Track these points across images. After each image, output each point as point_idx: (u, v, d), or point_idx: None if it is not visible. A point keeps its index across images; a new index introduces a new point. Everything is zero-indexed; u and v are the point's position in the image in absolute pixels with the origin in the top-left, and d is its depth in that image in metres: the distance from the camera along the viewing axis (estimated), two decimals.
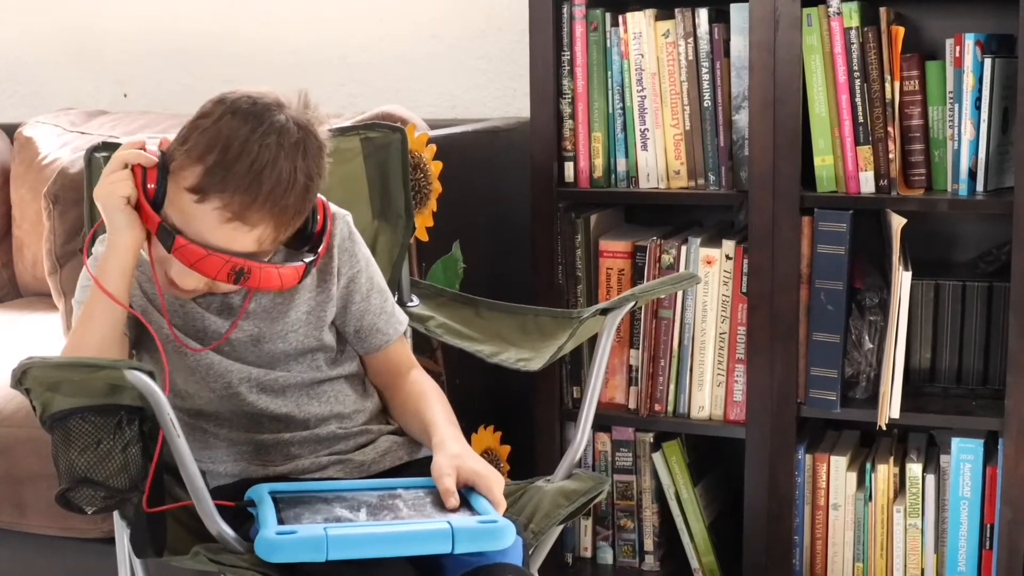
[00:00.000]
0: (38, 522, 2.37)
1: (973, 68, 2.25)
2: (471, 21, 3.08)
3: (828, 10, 2.29)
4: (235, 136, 1.65)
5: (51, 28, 3.50)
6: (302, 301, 1.83)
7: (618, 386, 2.55)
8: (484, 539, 1.57)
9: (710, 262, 2.44)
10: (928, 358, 2.41)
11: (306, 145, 1.69)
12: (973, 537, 2.35)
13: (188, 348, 1.77)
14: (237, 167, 1.64)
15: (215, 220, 1.66)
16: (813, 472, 2.44)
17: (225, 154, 1.65)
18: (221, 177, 1.64)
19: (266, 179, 1.65)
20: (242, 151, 1.65)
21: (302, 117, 1.71)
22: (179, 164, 1.67)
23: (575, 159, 2.50)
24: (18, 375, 1.50)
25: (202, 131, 1.68)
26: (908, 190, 2.34)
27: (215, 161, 1.65)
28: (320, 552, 1.51)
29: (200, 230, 1.67)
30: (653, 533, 2.60)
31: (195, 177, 1.65)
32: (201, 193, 1.65)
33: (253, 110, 1.68)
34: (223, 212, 1.65)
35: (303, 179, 1.69)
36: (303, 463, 1.78)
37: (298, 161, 1.68)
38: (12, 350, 2.50)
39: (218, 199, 1.65)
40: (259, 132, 1.66)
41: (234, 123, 1.67)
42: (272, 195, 1.65)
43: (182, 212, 1.68)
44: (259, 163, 1.65)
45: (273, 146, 1.66)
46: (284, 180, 1.66)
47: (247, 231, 1.67)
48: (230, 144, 1.65)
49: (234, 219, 1.66)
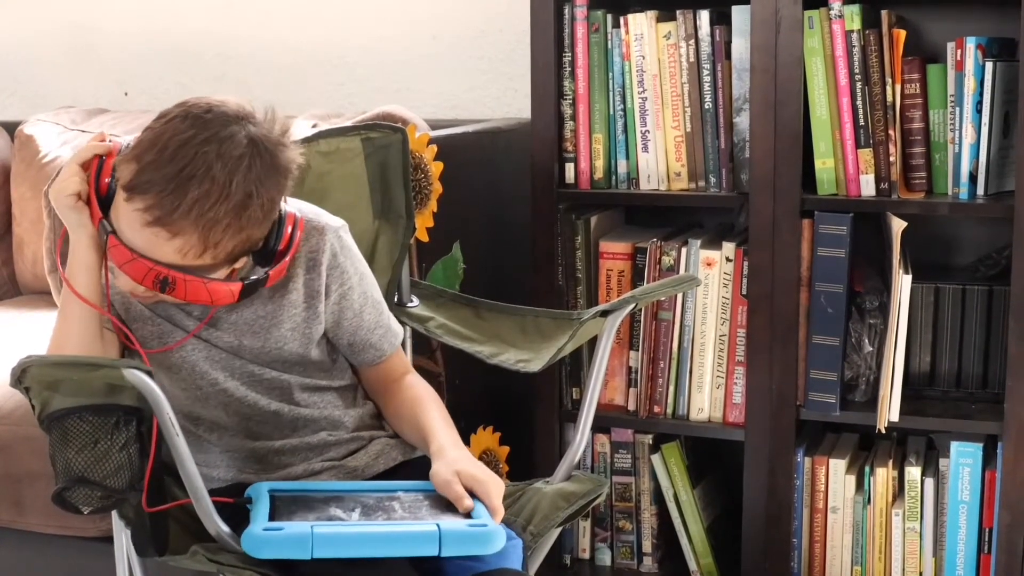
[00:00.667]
0: (37, 521, 2.37)
1: (974, 71, 2.25)
2: (472, 21, 3.08)
3: (829, 13, 2.28)
4: (175, 139, 1.59)
5: (52, 27, 3.50)
6: (287, 318, 1.80)
7: (617, 388, 2.55)
8: (472, 543, 1.56)
9: (710, 264, 2.44)
10: (928, 361, 2.41)
11: (252, 161, 1.61)
12: (971, 541, 2.35)
13: (150, 352, 1.74)
14: (167, 169, 1.58)
15: (138, 221, 1.60)
16: (812, 475, 2.44)
17: (160, 155, 1.59)
18: (149, 177, 1.58)
19: (193, 187, 1.57)
20: (176, 154, 1.58)
21: (260, 134, 1.63)
22: (121, 159, 1.64)
23: (576, 160, 2.49)
24: (17, 374, 1.50)
25: (151, 130, 1.63)
26: (908, 193, 2.34)
27: (149, 161, 1.59)
28: (305, 550, 1.51)
29: (125, 230, 1.63)
30: (652, 535, 2.60)
31: (128, 174, 1.61)
32: (129, 191, 1.60)
33: (205, 116, 1.61)
34: (144, 215, 1.59)
35: (240, 195, 1.59)
36: (295, 470, 1.78)
37: (237, 175, 1.59)
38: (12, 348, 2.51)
39: (141, 200, 1.59)
40: (200, 138, 1.59)
41: (181, 126, 1.60)
42: (198, 205, 1.57)
43: (116, 209, 1.64)
44: (191, 170, 1.57)
45: (211, 155, 1.58)
46: (215, 192, 1.57)
47: (167, 238, 1.59)
48: (168, 146, 1.59)
49: (155, 224, 1.59)
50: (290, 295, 1.79)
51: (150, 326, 1.77)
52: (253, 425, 1.80)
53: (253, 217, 1.62)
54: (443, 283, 2.38)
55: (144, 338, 1.76)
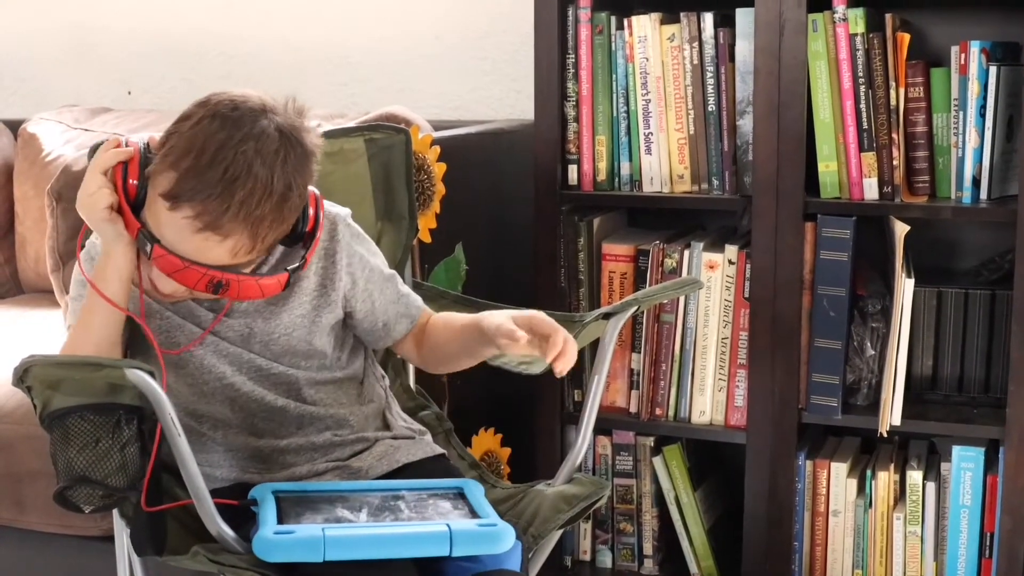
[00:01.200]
0: (38, 519, 2.37)
1: (978, 75, 2.24)
2: (475, 22, 3.08)
3: (833, 16, 2.28)
4: (211, 141, 1.60)
5: (55, 25, 3.50)
6: (297, 304, 1.80)
7: (619, 390, 2.55)
8: (482, 542, 1.57)
9: (713, 267, 2.44)
10: (930, 365, 2.40)
11: (287, 152, 1.63)
12: (973, 545, 2.35)
13: (167, 351, 1.74)
14: (210, 174, 1.58)
15: (187, 229, 1.61)
16: (813, 478, 2.44)
17: (199, 160, 1.59)
18: (193, 184, 1.59)
19: (239, 188, 1.59)
20: (215, 157, 1.59)
21: (287, 123, 1.65)
22: (155, 169, 1.63)
23: (579, 162, 2.49)
24: (20, 373, 1.50)
25: (180, 135, 1.63)
26: (912, 197, 2.34)
27: (188, 167, 1.59)
28: (317, 552, 1.51)
29: (173, 239, 1.63)
30: (652, 537, 2.60)
31: (168, 183, 1.61)
32: (173, 200, 1.60)
33: (233, 115, 1.62)
34: (194, 222, 1.60)
35: (281, 188, 1.62)
36: (300, 470, 1.78)
37: (276, 169, 1.61)
38: (14, 347, 2.51)
39: (189, 208, 1.60)
40: (236, 138, 1.60)
41: (212, 128, 1.61)
42: (245, 205, 1.59)
43: (156, 218, 1.64)
44: (233, 171, 1.59)
45: (250, 153, 1.60)
46: (259, 189, 1.60)
47: (219, 241, 1.62)
48: (205, 149, 1.59)
49: (205, 229, 1.60)
50: (302, 282, 1.80)
51: (157, 320, 1.77)
52: (259, 422, 1.79)
53: (293, 206, 1.66)
54: (445, 284, 2.38)
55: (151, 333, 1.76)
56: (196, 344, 1.76)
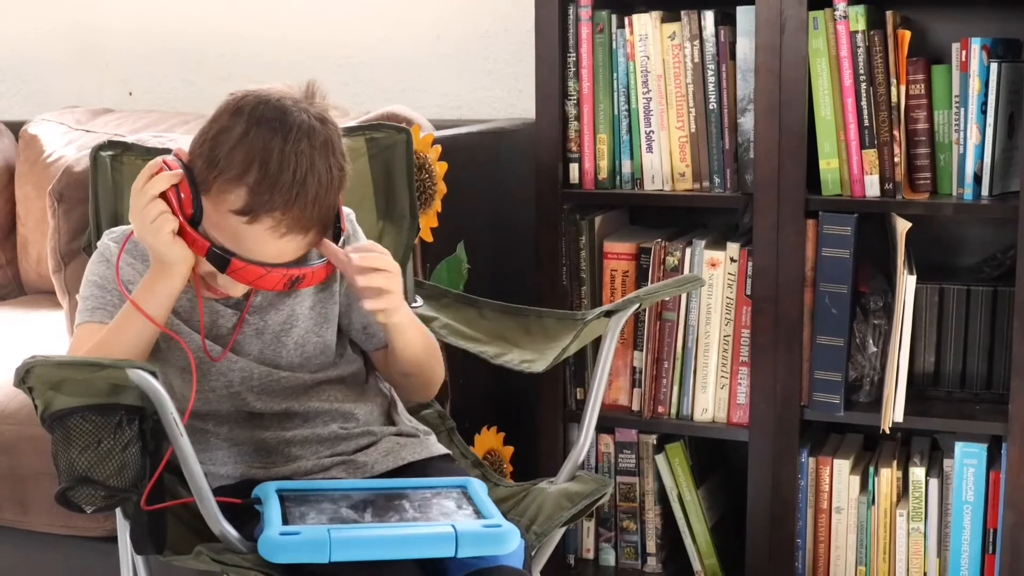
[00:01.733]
0: (41, 520, 2.37)
1: (979, 72, 2.24)
2: (476, 22, 3.08)
3: (834, 13, 2.28)
4: (269, 149, 1.63)
5: (56, 26, 3.50)
6: (305, 296, 1.83)
7: (622, 388, 2.55)
8: (488, 543, 1.57)
9: (714, 264, 2.44)
10: (932, 362, 2.40)
11: (330, 139, 1.68)
12: (976, 541, 2.35)
13: (211, 358, 1.77)
14: (281, 181, 1.62)
15: (269, 237, 1.65)
16: (816, 475, 2.44)
17: (266, 171, 1.62)
18: (268, 195, 1.62)
19: (310, 186, 1.64)
20: (281, 164, 1.63)
21: (318, 111, 1.69)
22: (217, 186, 1.65)
23: (580, 160, 2.49)
24: (21, 374, 1.50)
25: (232, 148, 1.64)
26: (913, 194, 2.34)
27: (257, 180, 1.62)
28: (323, 553, 1.51)
29: (253, 248, 1.66)
30: (655, 535, 2.60)
31: (241, 200, 1.63)
32: (251, 214, 1.63)
33: (277, 117, 1.65)
34: (277, 228, 1.64)
35: (338, 174, 1.69)
36: (306, 464, 1.78)
37: (331, 158, 1.67)
38: (15, 348, 2.51)
39: (270, 218, 1.63)
40: (291, 140, 1.64)
41: (264, 135, 1.64)
42: (318, 199, 1.65)
43: (233, 233, 1.66)
44: (300, 172, 1.63)
45: (307, 151, 1.64)
46: (325, 181, 1.66)
47: (301, 239, 1.68)
48: (267, 159, 1.63)
49: (289, 232, 1.65)
50: None
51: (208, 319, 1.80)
52: (266, 419, 1.80)
53: (345, 186, 1.73)
54: (447, 283, 2.38)
55: None
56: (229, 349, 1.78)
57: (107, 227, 1.92)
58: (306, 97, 1.71)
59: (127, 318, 1.70)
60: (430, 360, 1.88)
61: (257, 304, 1.81)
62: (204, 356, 1.78)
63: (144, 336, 1.70)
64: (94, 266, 1.80)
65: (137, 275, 1.77)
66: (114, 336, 1.70)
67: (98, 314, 1.75)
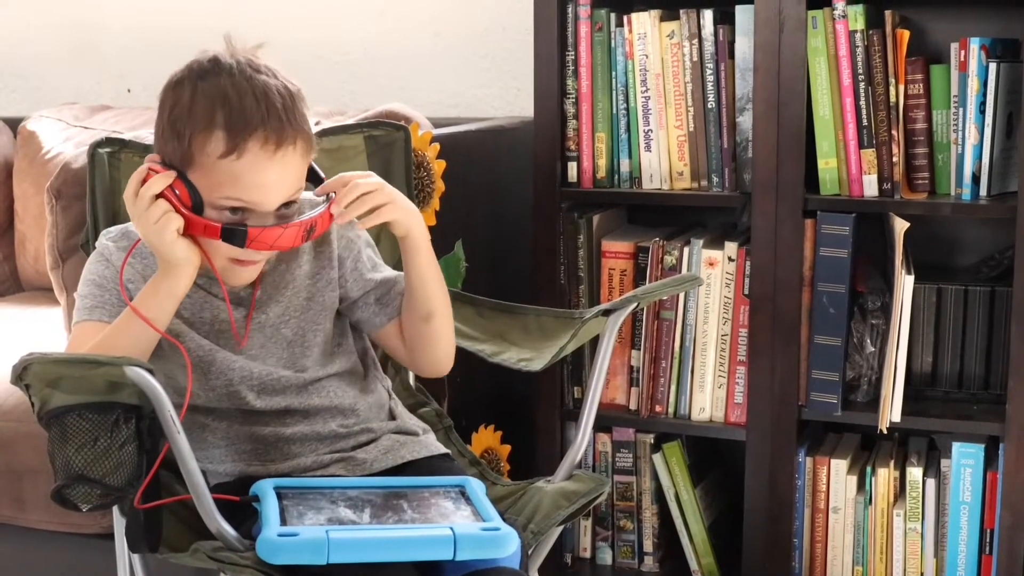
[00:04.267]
0: (38, 517, 2.37)
1: (978, 72, 2.24)
2: (475, 20, 3.08)
3: (833, 13, 2.28)
4: (221, 88, 1.67)
5: (54, 23, 3.50)
6: (302, 287, 1.83)
7: (619, 387, 2.55)
8: (486, 546, 1.57)
9: (712, 264, 2.44)
10: (930, 362, 2.40)
11: (268, 67, 1.73)
12: (973, 542, 2.35)
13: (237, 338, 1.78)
14: (246, 104, 1.66)
15: (265, 160, 1.66)
16: (813, 475, 2.44)
17: (229, 105, 1.66)
18: (242, 120, 1.65)
19: (275, 99, 1.67)
20: (239, 93, 1.67)
21: (244, 56, 1.73)
22: (198, 148, 1.67)
23: (578, 159, 2.49)
24: (19, 371, 1.49)
25: (189, 110, 1.68)
26: (911, 194, 2.34)
27: (225, 115, 1.65)
28: (321, 555, 1.51)
29: (256, 182, 1.67)
30: (653, 534, 2.60)
31: (221, 141, 1.65)
32: (237, 145, 1.65)
33: (213, 67, 1.70)
34: (266, 146, 1.66)
35: (294, 87, 1.72)
36: (305, 461, 1.78)
37: (278, 78, 1.71)
38: (13, 345, 2.51)
39: (254, 139, 1.65)
40: (236, 75, 1.68)
41: (210, 82, 1.69)
42: (287, 108, 1.68)
43: (233, 181, 1.66)
44: (259, 91, 1.67)
45: (254, 76, 1.69)
46: (286, 93, 1.70)
47: (293, 151, 1.69)
48: (225, 96, 1.67)
49: (278, 146, 1.67)
50: (303, 266, 1.83)
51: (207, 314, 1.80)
52: (265, 416, 1.80)
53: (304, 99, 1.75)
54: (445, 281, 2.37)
55: None
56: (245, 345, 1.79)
57: (105, 223, 1.92)
58: (227, 50, 1.75)
59: (128, 320, 1.69)
60: (446, 298, 1.88)
61: (258, 298, 1.81)
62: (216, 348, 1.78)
63: (144, 338, 1.69)
64: (92, 265, 1.80)
65: (137, 275, 1.77)
66: (115, 337, 1.69)
67: (96, 312, 1.75)
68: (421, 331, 1.87)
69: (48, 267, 2.73)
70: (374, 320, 1.89)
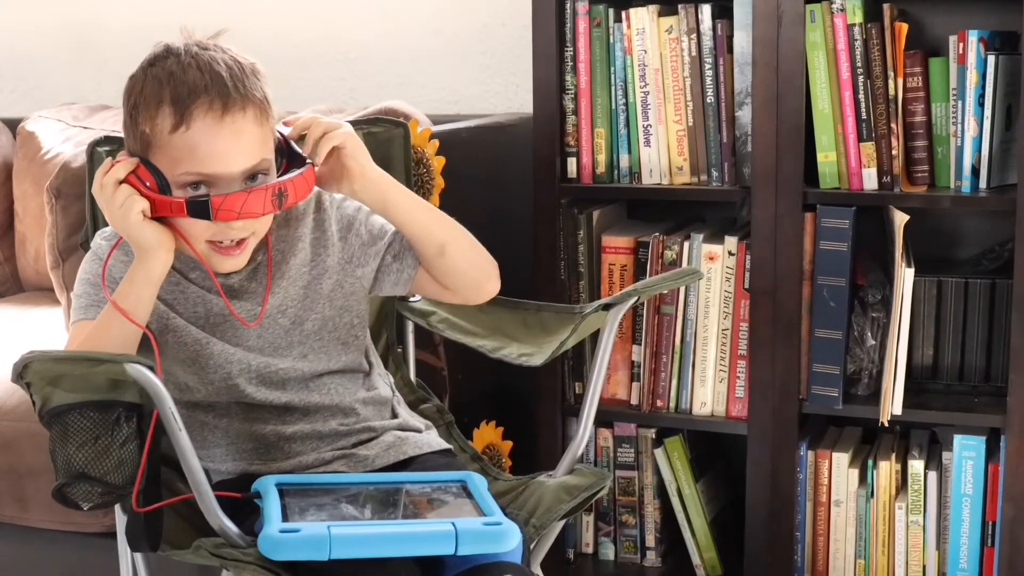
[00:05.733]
0: (39, 516, 2.37)
1: (977, 65, 2.24)
2: (473, 16, 3.08)
3: (831, 6, 2.28)
4: (168, 69, 1.71)
5: (53, 23, 3.50)
6: (298, 276, 1.82)
7: (620, 382, 2.55)
8: (488, 541, 1.57)
9: (712, 258, 2.44)
10: (930, 355, 2.40)
11: (218, 46, 1.77)
12: (975, 534, 2.35)
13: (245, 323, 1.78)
14: (190, 76, 1.69)
15: (214, 128, 1.67)
16: (815, 468, 2.44)
17: (173, 80, 1.69)
18: (186, 90, 1.68)
19: (221, 69, 1.70)
20: (184, 68, 1.70)
21: (193, 40, 1.79)
22: (151, 127, 1.69)
23: (578, 155, 2.49)
24: (19, 369, 1.50)
25: (141, 95, 1.73)
26: (911, 187, 2.34)
27: (171, 90, 1.69)
28: (323, 551, 1.51)
29: (209, 151, 1.67)
30: (655, 529, 2.60)
31: (168, 116, 1.68)
32: (184, 116, 1.67)
33: (163, 52, 1.76)
34: (211, 112, 1.67)
35: (246, 62, 1.76)
36: (306, 459, 1.78)
37: (221, 54, 1.74)
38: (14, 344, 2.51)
39: (198, 106, 1.67)
40: (183, 55, 1.73)
41: (159, 66, 1.73)
42: (234, 78, 1.71)
43: (189, 152, 1.67)
44: (204, 63, 1.71)
45: (198, 55, 1.73)
46: (234, 65, 1.73)
47: (243, 117, 1.69)
48: (171, 73, 1.70)
49: (225, 111, 1.68)
50: (299, 254, 1.83)
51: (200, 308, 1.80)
52: (265, 413, 1.80)
53: (261, 73, 1.80)
54: None
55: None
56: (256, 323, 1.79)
57: (104, 223, 1.92)
58: (181, 37, 1.80)
59: (110, 314, 1.69)
60: (451, 226, 1.87)
61: (252, 290, 1.80)
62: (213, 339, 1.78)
63: (129, 330, 1.69)
64: (87, 264, 1.80)
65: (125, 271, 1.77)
66: (100, 332, 1.70)
67: (92, 311, 1.75)
68: (441, 267, 1.84)
69: (48, 267, 2.74)
70: (402, 276, 1.87)
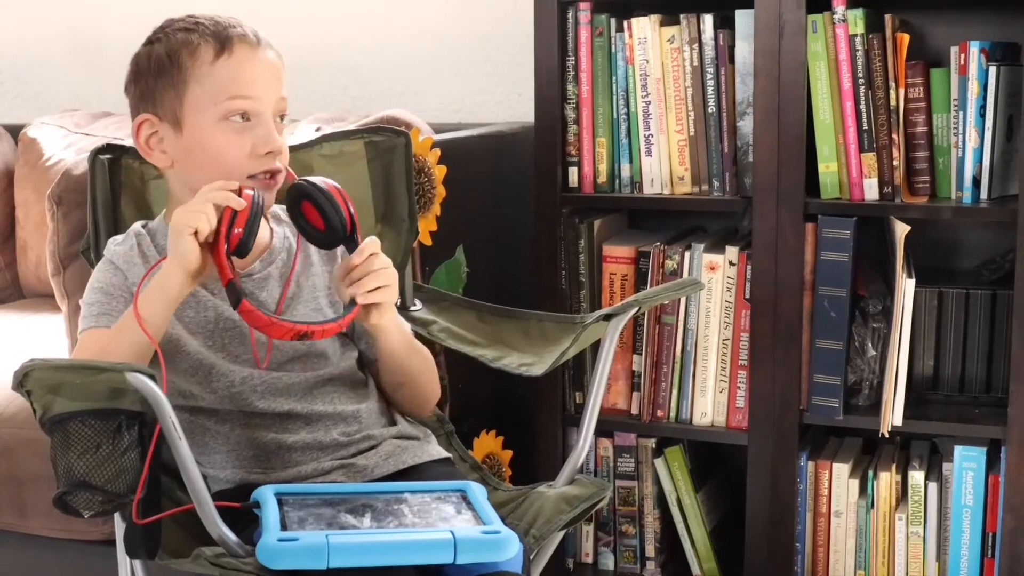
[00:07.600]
0: (39, 524, 2.37)
1: (978, 76, 2.24)
2: (475, 25, 3.08)
3: (833, 17, 2.29)
4: (184, 23, 1.80)
5: (55, 29, 3.50)
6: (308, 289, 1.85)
7: (620, 392, 2.55)
8: (487, 550, 1.57)
9: (713, 268, 2.44)
10: (931, 365, 2.40)
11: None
12: (975, 545, 2.35)
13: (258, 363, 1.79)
14: (211, 20, 1.79)
15: (252, 55, 1.80)
16: (815, 479, 2.44)
17: (200, 26, 1.79)
18: (219, 27, 1.78)
19: (233, 20, 1.81)
20: (198, 24, 1.79)
21: None
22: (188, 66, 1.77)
23: (579, 164, 2.50)
24: (20, 377, 1.49)
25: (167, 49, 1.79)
26: (912, 197, 2.34)
27: (203, 30, 1.78)
28: (321, 560, 1.51)
29: (251, 77, 1.78)
30: (655, 539, 2.60)
31: (210, 47, 1.77)
32: (225, 44, 1.77)
33: (164, 22, 1.83)
34: (246, 41, 1.79)
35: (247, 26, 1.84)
36: (306, 469, 1.78)
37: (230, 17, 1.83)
38: (15, 352, 2.51)
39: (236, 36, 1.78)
40: (187, 20, 1.81)
41: (174, 24, 1.81)
42: (247, 28, 1.83)
43: (232, 81, 1.77)
44: (213, 16, 1.81)
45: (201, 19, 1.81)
46: (238, 22, 1.83)
47: (270, 49, 1.84)
48: (194, 22, 1.79)
49: (258, 43, 1.81)
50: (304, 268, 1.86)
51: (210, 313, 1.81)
52: (267, 420, 1.80)
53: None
54: (446, 287, 2.38)
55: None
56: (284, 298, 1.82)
57: (106, 230, 1.93)
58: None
59: (127, 322, 1.69)
60: (422, 370, 1.89)
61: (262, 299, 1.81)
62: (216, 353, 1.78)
63: (143, 340, 1.69)
64: (100, 273, 1.80)
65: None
66: (114, 340, 1.70)
67: (104, 319, 1.75)
68: (388, 390, 1.92)
69: (49, 274, 2.73)
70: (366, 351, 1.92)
